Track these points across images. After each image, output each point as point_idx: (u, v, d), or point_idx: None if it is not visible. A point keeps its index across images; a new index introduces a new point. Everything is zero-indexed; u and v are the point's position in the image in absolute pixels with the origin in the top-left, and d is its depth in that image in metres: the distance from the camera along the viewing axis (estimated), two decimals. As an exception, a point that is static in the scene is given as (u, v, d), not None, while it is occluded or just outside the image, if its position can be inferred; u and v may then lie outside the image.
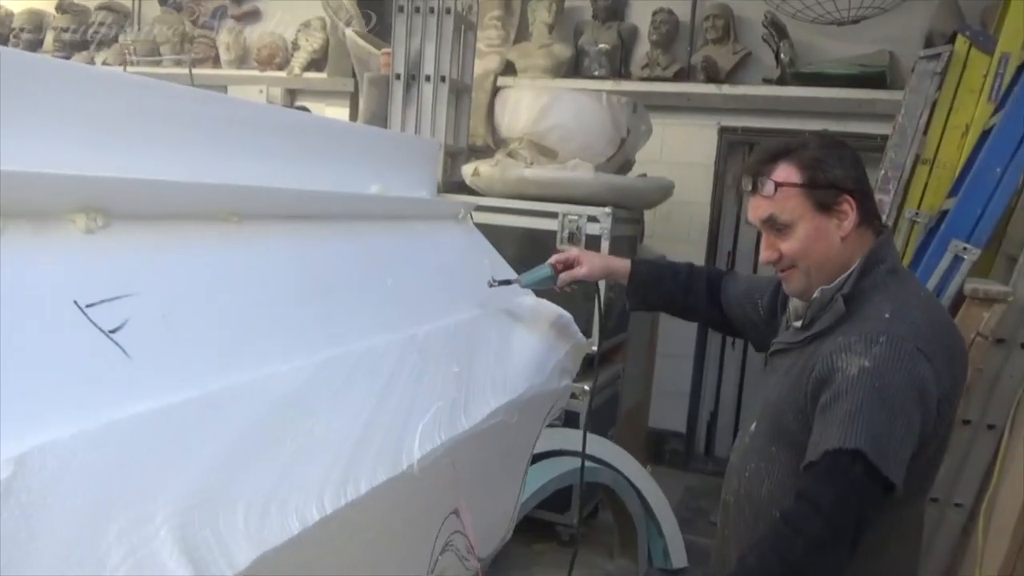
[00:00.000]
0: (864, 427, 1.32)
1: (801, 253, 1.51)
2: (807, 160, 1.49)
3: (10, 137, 1.00)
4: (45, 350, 0.85)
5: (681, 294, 1.93)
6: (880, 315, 1.43)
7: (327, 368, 1.16)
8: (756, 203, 1.54)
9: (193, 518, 0.82)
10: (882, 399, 1.34)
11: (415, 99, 3.94)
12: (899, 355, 1.37)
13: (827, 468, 1.33)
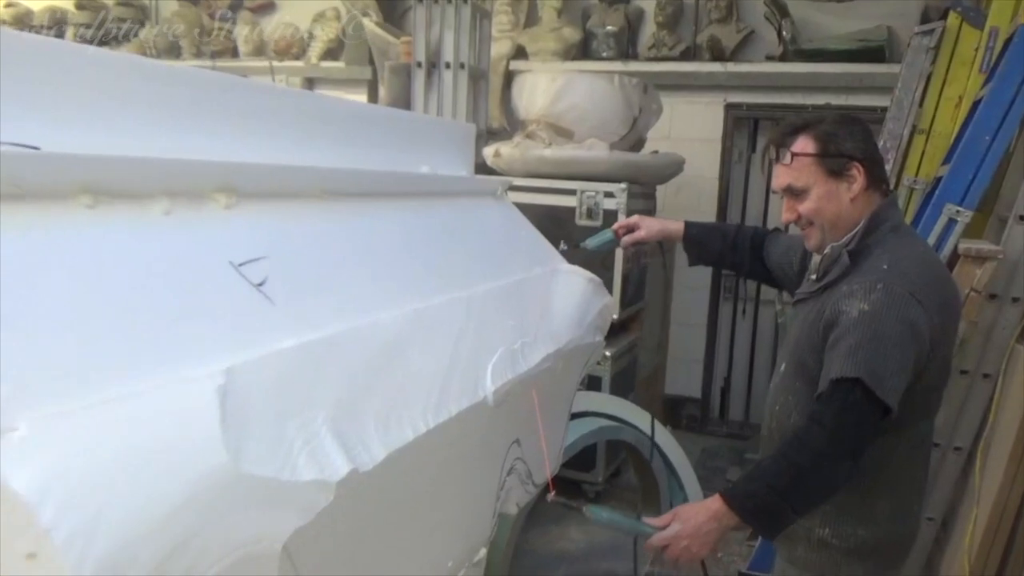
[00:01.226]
0: (863, 360, 1.55)
1: (815, 213, 1.73)
2: (821, 133, 1.71)
3: (164, 132, 1.23)
4: (220, 297, 1.08)
5: (729, 251, 2.18)
6: (879, 267, 1.66)
7: (415, 318, 1.39)
8: (777, 172, 1.77)
9: (340, 423, 1.06)
10: (878, 336, 1.57)
11: (436, 86, 4.16)
12: (893, 299, 1.59)
13: (831, 394, 1.57)
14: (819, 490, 1.60)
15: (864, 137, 1.75)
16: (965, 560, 2.76)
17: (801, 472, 1.57)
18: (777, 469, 1.60)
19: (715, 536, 1.60)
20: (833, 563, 1.73)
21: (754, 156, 5.34)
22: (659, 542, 1.62)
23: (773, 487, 1.57)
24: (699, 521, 1.59)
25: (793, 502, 1.58)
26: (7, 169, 0.91)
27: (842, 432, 1.55)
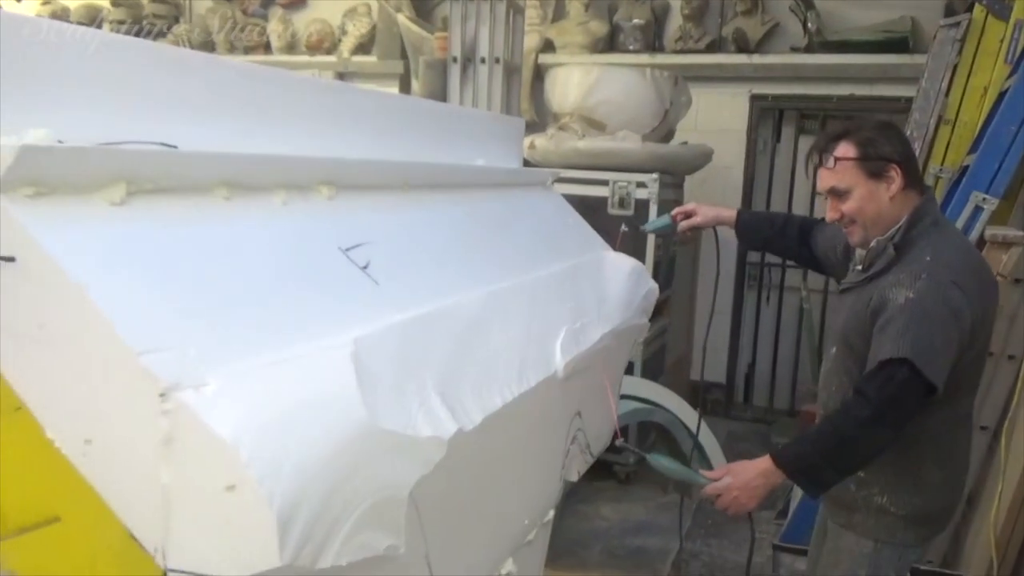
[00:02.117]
0: (910, 341, 1.69)
1: (858, 212, 1.86)
2: (861, 139, 1.85)
3: (270, 130, 1.37)
4: (335, 277, 1.22)
5: (777, 237, 2.32)
6: (923, 258, 1.80)
7: (490, 299, 1.53)
8: (821, 175, 1.91)
9: (444, 389, 1.20)
10: (924, 321, 1.71)
11: (471, 80, 4.27)
12: (937, 287, 1.74)
13: (879, 373, 1.71)
14: (860, 456, 1.76)
15: (901, 141, 1.90)
16: (991, 534, 2.87)
17: (845, 439, 1.72)
18: (823, 435, 1.77)
19: (763, 491, 1.76)
20: (889, 528, 1.87)
21: (779, 146, 5.44)
22: (712, 491, 1.80)
23: (819, 450, 1.75)
24: (749, 476, 1.77)
25: (835, 465, 1.74)
26: (167, 165, 1.06)
27: (886, 407, 1.70)
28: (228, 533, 0.84)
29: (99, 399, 0.87)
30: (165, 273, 0.97)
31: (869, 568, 1.89)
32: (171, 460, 0.85)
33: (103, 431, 0.88)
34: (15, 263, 0.88)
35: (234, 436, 0.84)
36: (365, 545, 0.96)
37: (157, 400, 0.84)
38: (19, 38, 0.98)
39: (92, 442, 0.88)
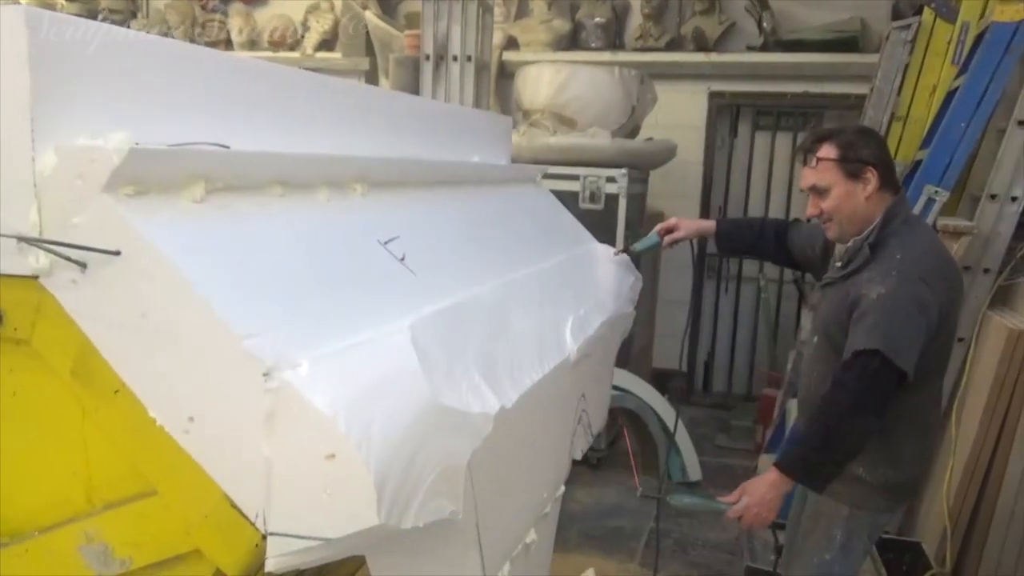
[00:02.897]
0: (881, 334, 1.85)
1: (835, 209, 1.99)
2: (842, 141, 1.99)
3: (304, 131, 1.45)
4: (379, 268, 1.32)
5: (757, 242, 2.46)
6: (894, 256, 1.94)
7: (508, 288, 1.64)
8: (804, 174, 2.05)
9: (485, 368, 1.30)
10: (894, 314, 1.87)
11: (443, 78, 4.36)
12: (906, 283, 1.88)
13: (854, 363, 1.87)
14: (851, 444, 1.92)
15: (878, 145, 2.05)
16: (944, 506, 3.08)
17: (832, 431, 1.89)
18: (813, 432, 1.94)
19: (777, 501, 1.93)
20: (864, 496, 2.02)
21: (736, 141, 5.64)
22: (734, 515, 1.95)
23: (814, 448, 1.92)
24: (762, 492, 1.93)
25: (832, 456, 1.90)
26: (238, 165, 1.14)
27: (863, 394, 1.86)
28: (327, 498, 0.94)
29: (202, 380, 0.96)
30: (245, 264, 1.05)
31: (844, 530, 2.04)
32: (273, 433, 0.94)
33: (206, 409, 0.96)
34: (120, 256, 0.95)
35: (332, 410, 0.93)
36: (435, 510, 1.07)
37: (261, 379, 0.93)
38: (93, 45, 1.05)
39: (195, 420, 0.96)
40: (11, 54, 0.95)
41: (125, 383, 0.99)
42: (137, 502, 1.04)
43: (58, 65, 0.98)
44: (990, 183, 3.21)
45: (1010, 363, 3.01)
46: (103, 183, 0.95)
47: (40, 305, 1.01)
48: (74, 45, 1.01)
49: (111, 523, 1.05)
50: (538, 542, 1.62)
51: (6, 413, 1.10)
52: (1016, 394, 3.01)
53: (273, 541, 0.95)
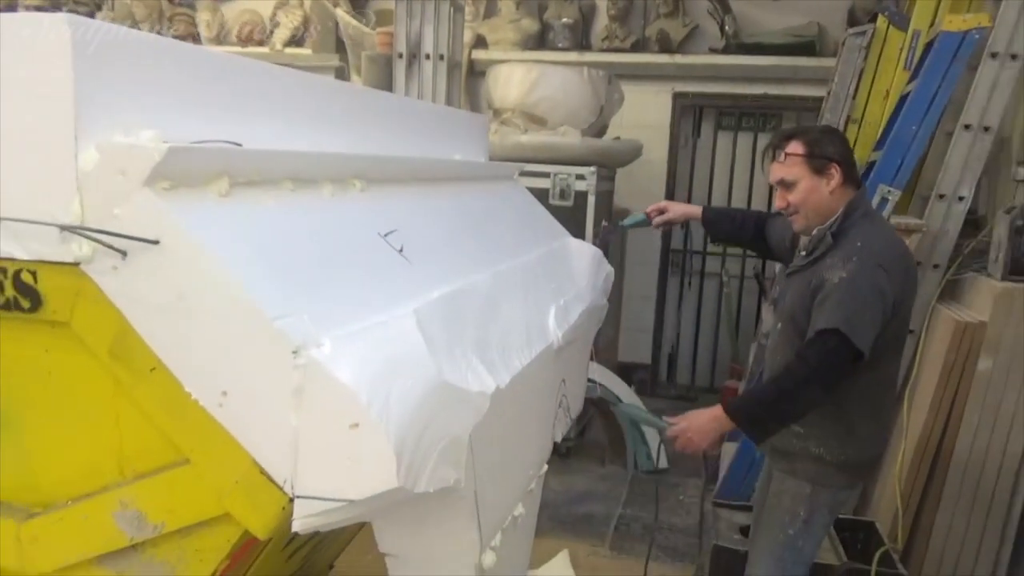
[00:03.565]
0: (841, 315, 1.99)
1: (801, 202, 2.14)
2: (808, 139, 2.14)
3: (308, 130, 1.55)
4: (381, 258, 1.42)
5: (737, 231, 2.64)
6: (855, 243, 2.08)
7: (496, 278, 1.74)
8: (773, 168, 2.19)
9: (480, 351, 1.41)
10: (854, 297, 2.01)
11: (416, 76, 4.44)
12: (866, 269, 2.02)
13: (816, 340, 2.02)
14: (796, 409, 2.06)
15: (842, 143, 2.20)
16: (896, 487, 3.26)
17: (784, 394, 2.04)
18: (766, 390, 2.11)
19: (713, 434, 2.08)
20: (823, 474, 2.17)
21: (699, 141, 5.80)
22: (672, 433, 2.13)
23: (761, 402, 2.08)
24: (702, 420, 2.09)
25: (775, 416, 2.06)
26: (258, 162, 1.23)
27: (820, 368, 2.00)
28: (350, 463, 1.04)
29: (234, 357, 1.05)
30: (268, 253, 1.15)
31: (806, 506, 2.17)
32: (301, 405, 1.03)
33: (238, 384, 1.05)
34: (159, 245, 1.04)
35: (355, 384, 1.03)
36: (442, 478, 1.17)
37: (290, 357, 1.03)
38: (125, 49, 1.14)
39: (228, 394, 1.06)
40: (56, 58, 1.03)
41: (161, 361, 1.07)
42: (170, 471, 1.13)
43: (97, 68, 1.07)
44: (939, 183, 3.39)
45: (957, 353, 3.20)
46: (144, 178, 1.03)
47: (80, 290, 1.09)
48: (110, 49, 1.09)
49: (145, 491, 1.14)
50: (525, 516, 1.73)
51: (40, 391, 1.18)
52: (963, 382, 3.20)
53: (300, 504, 1.05)
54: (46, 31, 1.03)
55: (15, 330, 1.16)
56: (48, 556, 1.21)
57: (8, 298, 1.13)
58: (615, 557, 3.55)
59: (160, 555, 1.19)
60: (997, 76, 3.26)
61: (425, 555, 1.36)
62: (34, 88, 1.05)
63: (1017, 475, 3.13)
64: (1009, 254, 3.16)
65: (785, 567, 2.22)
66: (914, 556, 3.17)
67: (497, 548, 1.48)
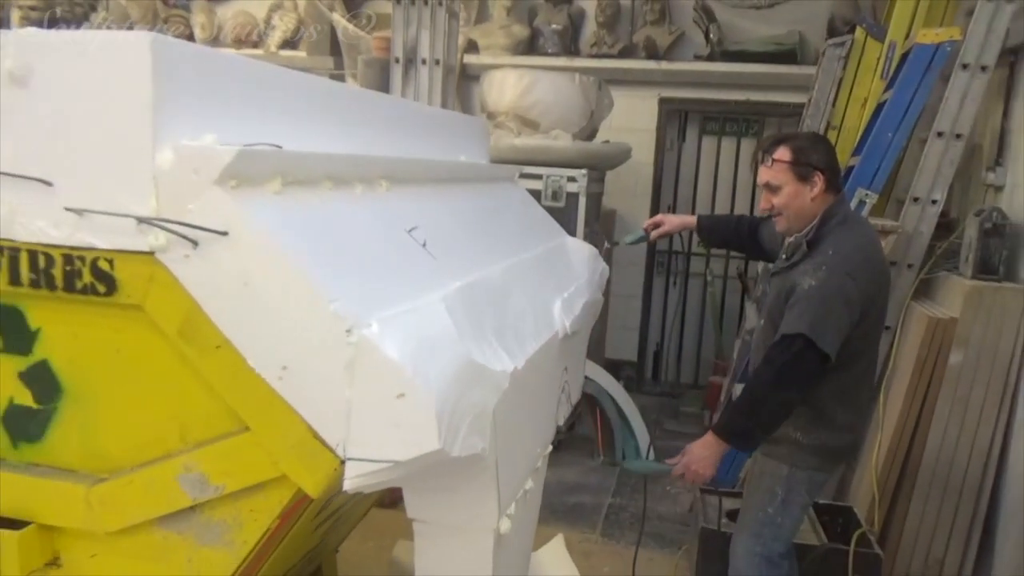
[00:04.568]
0: (808, 320, 2.14)
1: (785, 206, 2.29)
2: (795, 147, 2.29)
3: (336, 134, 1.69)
4: (409, 251, 1.56)
5: (733, 236, 2.81)
6: (826, 252, 2.23)
7: (507, 271, 1.89)
8: (761, 171, 2.34)
9: (498, 335, 1.55)
10: (821, 304, 2.15)
11: (413, 80, 4.58)
12: (834, 277, 2.17)
13: (781, 344, 2.18)
14: (773, 413, 2.22)
15: (827, 152, 2.34)
16: (873, 474, 3.44)
17: (757, 400, 2.22)
18: (741, 402, 2.28)
19: (713, 459, 2.25)
20: (801, 457, 2.33)
21: (684, 145, 5.98)
22: (678, 472, 2.29)
23: (742, 413, 2.26)
24: (699, 452, 2.26)
25: (757, 422, 2.23)
26: (306, 162, 1.37)
27: (786, 370, 2.17)
28: (396, 429, 1.18)
29: (294, 335, 1.19)
30: (319, 244, 1.29)
31: (784, 486, 2.34)
32: (353, 378, 1.18)
33: (297, 359, 1.19)
34: (228, 236, 1.18)
35: (402, 358, 1.18)
36: (471, 445, 1.31)
37: (344, 335, 1.17)
38: (191, 63, 1.28)
39: (287, 368, 1.20)
40: (138, 72, 1.17)
41: (227, 339, 1.21)
42: (231, 438, 1.26)
43: (171, 80, 1.21)
44: (913, 187, 3.58)
45: (929, 348, 3.38)
46: (215, 177, 1.17)
47: (153, 276, 1.23)
48: (180, 64, 1.23)
49: (207, 456, 1.28)
50: (533, 490, 1.88)
51: (109, 368, 1.32)
52: (935, 375, 3.38)
53: (351, 465, 1.19)
54: (130, 48, 1.16)
55: (89, 313, 1.30)
56: (115, 517, 1.34)
57: (86, 283, 1.26)
58: (605, 543, 3.71)
59: (217, 515, 1.32)
60: (968, 86, 3.45)
61: (450, 520, 1.51)
62: (117, 97, 1.18)
63: (986, 463, 3.31)
64: (978, 254, 3.35)
65: (765, 543, 2.39)
66: (890, 539, 3.35)
67: (512, 516, 1.62)
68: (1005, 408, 3.29)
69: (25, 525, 1.37)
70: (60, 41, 1.22)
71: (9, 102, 1.24)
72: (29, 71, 1.22)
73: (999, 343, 3.27)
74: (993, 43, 3.42)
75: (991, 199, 3.67)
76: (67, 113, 1.22)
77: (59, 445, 1.38)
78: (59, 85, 1.22)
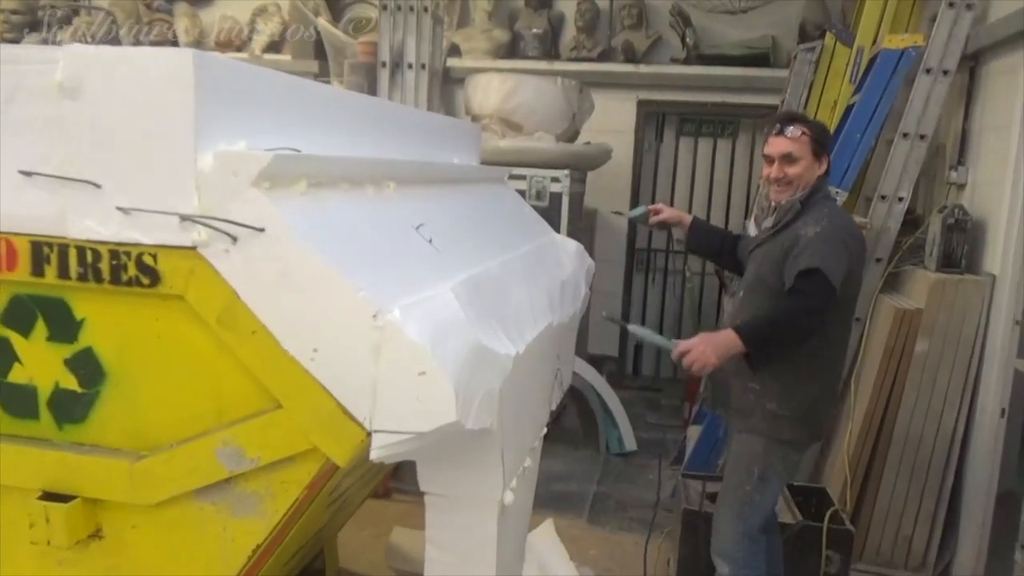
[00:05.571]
0: (819, 257, 2.32)
1: (799, 176, 2.47)
2: (815, 127, 2.52)
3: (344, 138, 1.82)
4: (417, 247, 1.70)
5: (718, 246, 2.95)
6: (822, 211, 2.45)
7: (505, 266, 2.03)
8: (780, 142, 2.48)
9: (501, 322, 1.69)
10: (827, 245, 2.34)
11: (399, 84, 4.71)
12: (835, 229, 2.39)
13: (802, 278, 2.31)
14: (793, 336, 2.35)
15: (830, 140, 2.58)
16: (845, 458, 3.62)
17: (784, 320, 2.35)
18: (771, 315, 2.40)
19: (723, 351, 2.29)
20: (777, 427, 2.46)
21: (661, 145, 6.16)
22: (684, 347, 2.31)
23: (770, 322, 2.37)
24: (717, 339, 2.31)
25: (776, 338, 2.34)
26: (327, 166, 1.51)
27: (812, 301, 2.31)
28: (418, 403, 1.32)
29: (324, 320, 1.32)
30: (343, 239, 1.43)
31: (761, 464, 2.48)
32: (379, 358, 1.31)
33: (327, 342, 1.33)
34: (264, 232, 1.31)
35: (422, 340, 1.31)
36: (482, 420, 1.45)
37: (371, 320, 1.30)
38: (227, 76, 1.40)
39: (318, 350, 1.33)
40: (181, 84, 1.30)
41: (263, 325, 1.34)
42: (265, 415, 1.39)
43: (210, 92, 1.33)
44: (881, 186, 3.76)
45: (897, 337, 3.56)
46: (252, 179, 1.30)
47: (194, 269, 1.36)
48: (217, 78, 1.36)
49: (244, 431, 1.41)
50: (531, 468, 2.02)
51: (150, 353, 1.44)
52: (903, 363, 3.57)
53: (377, 437, 1.33)
54: (175, 64, 1.29)
55: (132, 304, 1.42)
56: (156, 489, 1.46)
57: (131, 276, 1.38)
58: (591, 529, 3.86)
59: (251, 487, 1.45)
60: (931, 89, 3.65)
61: (459, 492, 1.65)
62: (162, 107, 1.31)
63: (951, 445, 3.50)
64: (942, 249, 3.53)
65: (745, 518, 2.52)
66: (861, 518, 3.53)
67: (514, 490, 1.76)
68: (968, 393, 3.49)
69: (70, 500, 1.49)
70: (109, 56, 1.34)
71: (60, 112, 1.36)
72: (79, 83, 1.34)
73: (962, 331, 3.46)
74: (954, 49, 3.61)
75: (953, 196, 3.86)
76: (114, 122, 1.34)
77: (102, 425, 1.50)
78: (107, 96, 1.34)
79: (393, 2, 4.64)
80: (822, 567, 2.96)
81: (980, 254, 3.57)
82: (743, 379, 2.51)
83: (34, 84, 1.37)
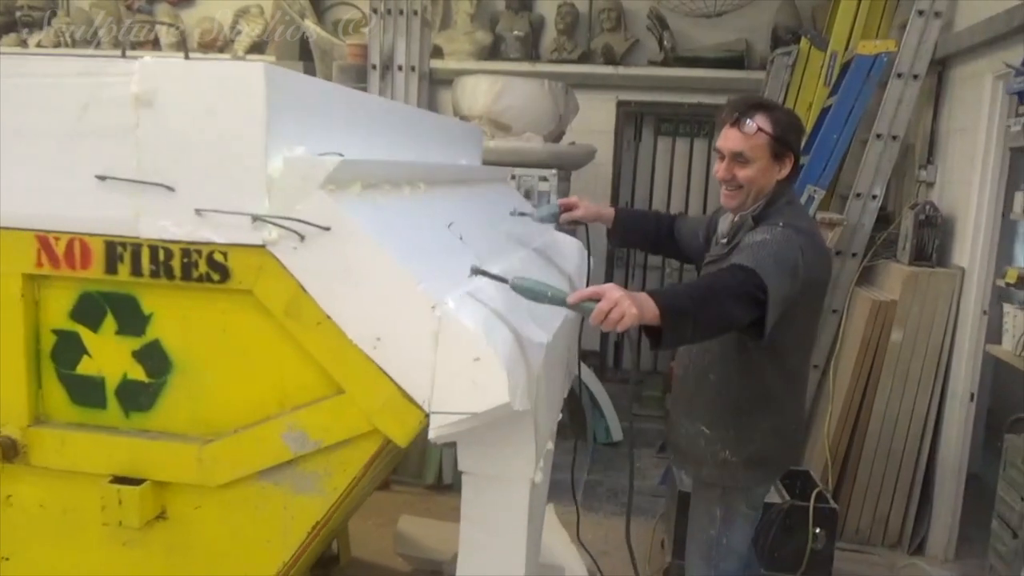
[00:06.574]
0: (752, 260, 1.88)
1: (751, 181, 2.05)
2: (780, 120, 2.03)
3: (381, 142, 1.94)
4: (452, 243, 1.82)
5: (651, 235, 2.56)
6: (777, 223, 2.02)
7: (524, 260, 2.17)
8: (733, 136, 2.03)
9: (531, 313, 1.83)
10: (769, 253, 1.91)
11: (389, 85, 4.82)
12: (786, 240, 1.96)
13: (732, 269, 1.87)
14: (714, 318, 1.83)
15: (800, 134, 2.14)
16: (825, 442, 3.81)
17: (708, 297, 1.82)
18: (697, 287, 1.90)
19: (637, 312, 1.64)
20: (731, 475, 2.20)
21: (640, 145, 6.33)
22: (608, 304, 1.63)
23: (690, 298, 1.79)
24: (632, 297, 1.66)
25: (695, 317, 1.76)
26: (376, 169, 1.63)
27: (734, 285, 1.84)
28: (473, 386, 1.44)
29: (387, 311, 1.45)
30: (398, 236, 1.55)
31: (721, 506, 2.25)
32: (437, 345, 1.44)
33: (389, 331, 1.45)
34: (330, 231, 1.43)
35: (476, 328, 1.44)
36: (524, 403, 1.59)
37: (430, 310, 1.43)
38: (290, 88, 1.52)
39: (381, 339, 1.45)
40: (254, 96, 1.41)
41: (328, 316, 1.46)
42: (327, 400, 1.51)
43: (279, 102, 1.45)
44: (855, 184, 3.97)
45: (872, 328, 3.76)
46: (320, 182, 1.42)
47: (263, 265, 1.47)
48: (283, 88, 1.48)
49: (308, 416, 1.52)
50: (551, 451, 2.16)
51: (216, 344, 1.55)
52: (878, 352, 3.77)
53: (435, 418, 1.46)
54: (247, 76, 1.40)
55: (199, 298, 1.53)
56: (223, 471, 1.57)
57: (201, 273, 1.49)
58: (585, 514, 4.00)
59: (311, 467, 1.57)
60: (902, 93, 3.85)
61: (494, 471, 1.77)
62: (235, 116, 1.42)
63: (923, 429, 3.71)
64: (914, 243, 3.74)
65: (716, 563, 2.28)
66: (841, 499, 3.72)
67: (542, 469, 1.90)
68: (939, 379, 3.70)
69: (139, 483, 1.60)
70: (181, 69, 1.45)
71: (135, 121, 1.46)
72: (154, 94, 1.45)
73: (934, 321, 3.67)
74: (924, 54, 3.82)
75: (924, 194, 4.07)
76: (187, 129, 1.45)
77: (168, 413, 1.61)
78: (181, 106, 1.45)
79: (383, 5, 4.75)
80: (810, 543, 3.14)
81: (950, 248, 3.79)
82: (692, 421, 2.28)
83: (109, 95, 1.47)
